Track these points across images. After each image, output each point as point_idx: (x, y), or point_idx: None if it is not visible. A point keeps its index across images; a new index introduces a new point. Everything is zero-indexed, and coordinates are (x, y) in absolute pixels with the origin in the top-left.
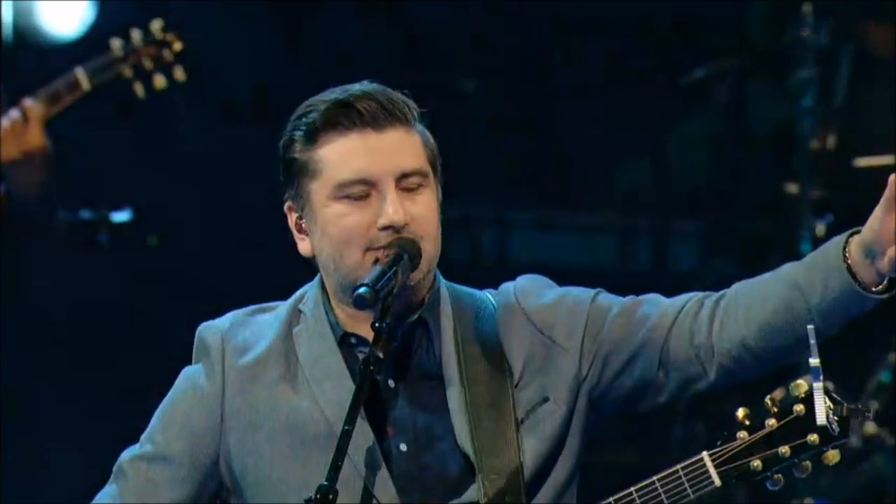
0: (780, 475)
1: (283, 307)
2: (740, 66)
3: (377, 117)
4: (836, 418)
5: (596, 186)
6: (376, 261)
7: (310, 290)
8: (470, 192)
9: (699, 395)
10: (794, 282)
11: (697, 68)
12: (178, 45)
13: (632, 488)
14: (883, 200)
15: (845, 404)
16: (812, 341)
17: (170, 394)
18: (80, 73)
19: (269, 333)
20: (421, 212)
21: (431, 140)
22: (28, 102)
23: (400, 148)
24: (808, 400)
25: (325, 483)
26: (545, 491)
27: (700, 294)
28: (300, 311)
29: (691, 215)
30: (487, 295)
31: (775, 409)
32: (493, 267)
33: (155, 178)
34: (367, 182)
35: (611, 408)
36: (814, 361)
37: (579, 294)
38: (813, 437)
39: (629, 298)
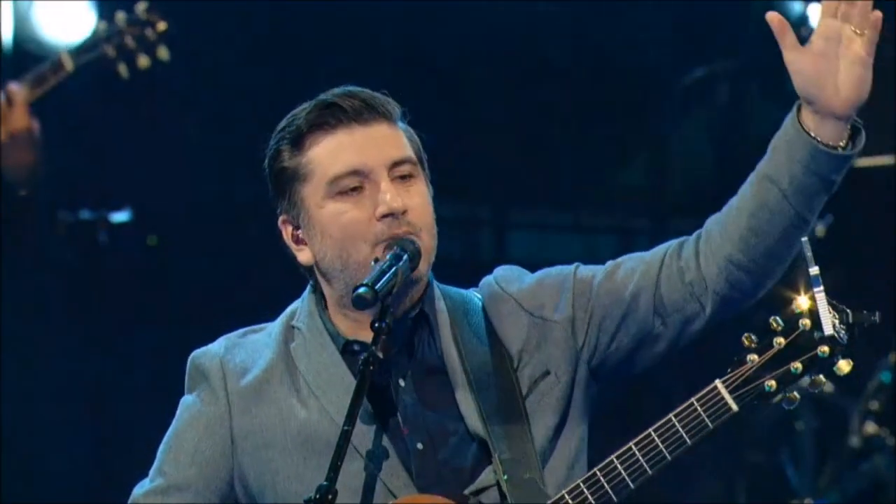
0: (795, 394)
1: (273, 326)
2: (740, 66)
3: (361, 112)
4: (843, 326)
5: (596, 186)
6: (376, 260)
7: (300, 307)
8: (470, 192)
9: (698, 336)
10: (761, 175)
11: (697, 68)
12: (161, 25)
13: (650, 429)
14: (781, 44)
15: (850, 311)
16: (808, 253)
17: (173, 425)
18: (64, 55)
19: (265, 352)
20: (416, 202)
21: (415, 136)
22: (13, 86)
23: (387, 139)
24: (813, 313)
25: (325, 483)
26: (557, 464)
27: (678, 239)
28: (294, 328)
29: (691, 215)
30: (471, 291)
31: (780, 328)
32: (493, 267)
33: (154, 178)
34: (359, 173)
35: (611, 373)
36: (813, 270)
37: (560, 270)
38: (823, 349)
39: (609, 263)
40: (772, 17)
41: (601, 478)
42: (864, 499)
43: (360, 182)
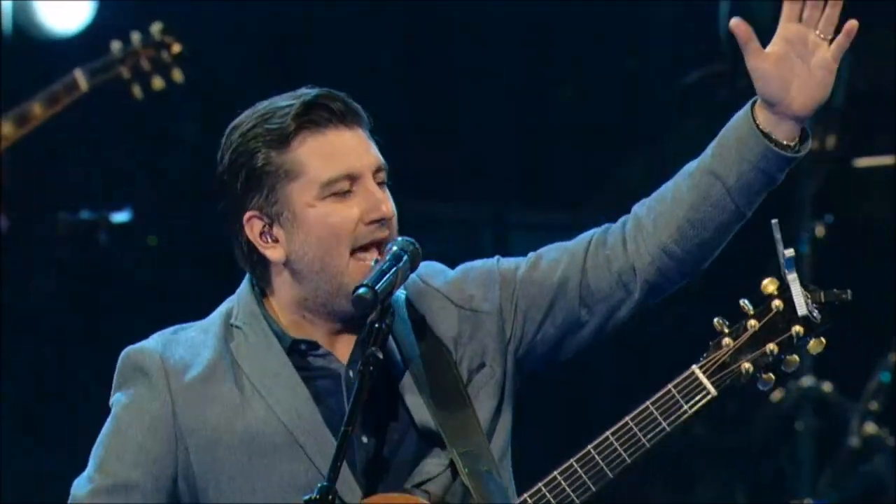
0: (770, 374)
1: (209, 324)
2: (738, 67)
3: (346, 115)
4: (815, 306)
5: (595, 186)
6: (376, 261)
7: (238, 306)
8: (469, 192)
9: (624, 322)
10: (705, 170)
11: (697, 68)
12: (176, 48)
13: (627, 418)
14: (745, 51)
15: (821, 291)
16: (777, 235)
17: (111, 423)
18: (79, 75)
19: (204, 351)
20: (393, 209)
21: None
22: (33, 106)
23: (368, 145)
24: (785, 293)
25: (325, 483)
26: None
27: (601, 227)
28: (233, 327)
29: None
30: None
31: (752, 311)
32: None
33: (154, 179)
34: (351, 177)
35: (536, 363)
36: (788, 252)
37: (483, 263)
38: (798, 329)
39: (531, 254)
40: (737, 24)
41: (577, 468)
42: (863, 499)
43: (350, 185)
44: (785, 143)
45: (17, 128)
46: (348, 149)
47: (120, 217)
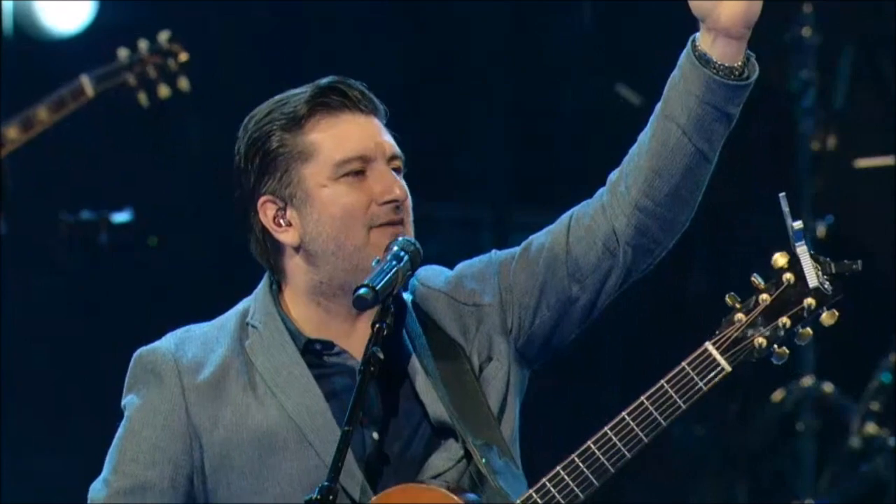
0: (783, 348)
1: (225, 321)
2: None
3: (362, 102)
4: (826, 277)
5: (595, 186)
6: (378, 261)
7: (255, 305)
8: (470, 192)
9: (615, 293)
10: (659, 116)
11: None
12: (183, 56)
13: (642, 397)
14: None
15: (832, 262)
16: (786, 209)
17: (124, 426)
18: (85, 81)
19: (219, 348)
20: (407, 196)
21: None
22: (39, 111)
23: (384, 132)
24: (795, 267)
25: (326, 483)
26: None
27: (581, 203)
28: (248, 325)
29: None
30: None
31: (763, 285)
32: None
33: (155, 179)
34: (364, 159)
35: (536, 351)
36: (797, 224)
37: (480, 259)
38: (810, 301)
39: (524, 242)
40: None
41: (595, 450)
42: (864, 499)
43: (363, 167)
44: (726, 65)
45: (22, 132)
46: (362, 131)
47: (120, 217)
